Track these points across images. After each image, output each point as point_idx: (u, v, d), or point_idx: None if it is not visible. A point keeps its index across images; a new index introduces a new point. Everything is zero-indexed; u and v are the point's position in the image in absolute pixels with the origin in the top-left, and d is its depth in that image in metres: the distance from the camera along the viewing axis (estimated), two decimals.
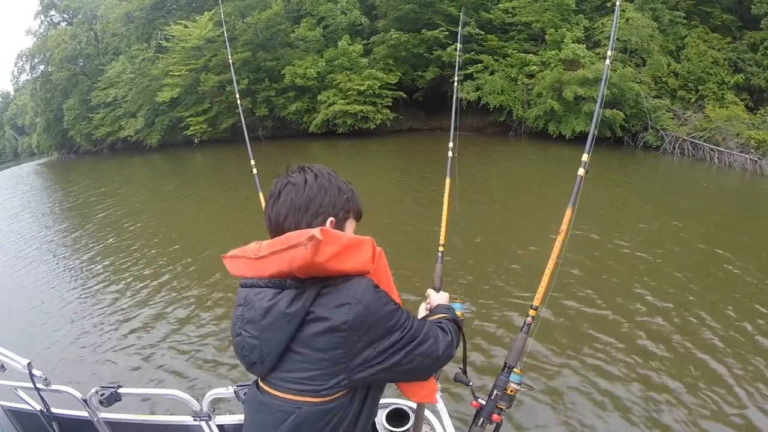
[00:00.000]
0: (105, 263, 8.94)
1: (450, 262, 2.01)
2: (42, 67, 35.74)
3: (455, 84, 2.93)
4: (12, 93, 60.93)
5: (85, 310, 6.90)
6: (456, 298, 1.63)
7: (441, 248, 2.01)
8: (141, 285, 7.59)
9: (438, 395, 1.82)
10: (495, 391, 1.52)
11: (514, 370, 1.54)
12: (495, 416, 1.49)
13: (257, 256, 1.03)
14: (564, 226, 1.64)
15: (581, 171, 1.69)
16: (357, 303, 0.97)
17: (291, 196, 1.08)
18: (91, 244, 10.43)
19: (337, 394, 0.99)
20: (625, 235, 8.47)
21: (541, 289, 1.62)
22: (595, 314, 5.78)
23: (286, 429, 1.00)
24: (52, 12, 37.12)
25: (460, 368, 1.56)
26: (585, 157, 1.71)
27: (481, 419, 1.50)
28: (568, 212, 1.65)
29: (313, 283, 1.00)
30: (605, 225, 9.14)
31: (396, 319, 1.03)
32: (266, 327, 1.01)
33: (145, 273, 8.12)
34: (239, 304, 1.08)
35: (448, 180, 2.17)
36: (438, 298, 1.54)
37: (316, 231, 0.92)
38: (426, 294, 1.62)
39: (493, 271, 7.12)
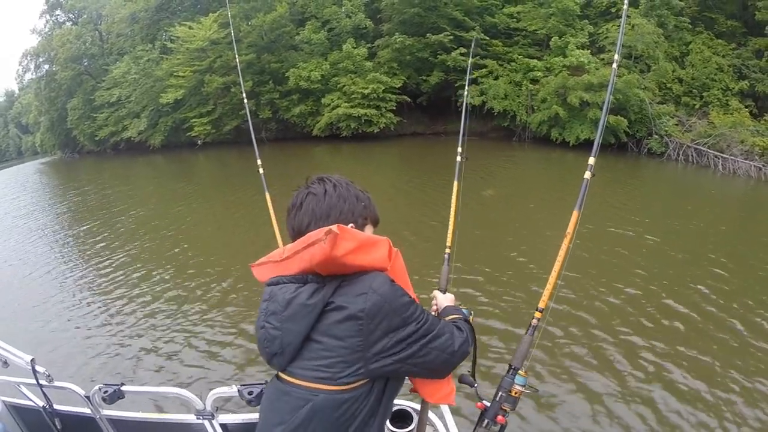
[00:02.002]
0: (115, 264, 8.92)
1: (455, 264, 2.03)
2: (47, 66, 36.03)
3: (465, 93, 2.96)
4: (17, 91, 61.31)
5: (91, 309, 6.92)
6: (460, 304, 1.63)
7: (447, 250, 2.02)
8: (147, 286, 7.60)
9: None
10: (500, 393, 1.51)
11: (519, 372, 1.53)
12: (499, 418, 1.48)
13: (282, 258, 1.12)
14: (570, 229, 1.63)
15: (587, 174, 1.70)
16: (373, 293, 1.03)
17: (312, 205, 1.17)
18: (104, 245, 10.44)
19: (355, 384, 1.03)
20: (645, 237, 8.53)
21: (546, 292, 1.61)
22: (611, 313, 5.79)
23: (302, 415, 1.03)
24: (58, 11, 37.40)
25: (468, 371, 1.56)
26: (591, 160, 1.72)
27: (486, 421, 1.50)
28: (575, 215, 1.65)
29: (333, 278, 1.07)
30: (617, 227, 9.17)
31: (411, 311, 1.08)
32: (287, 318, 1.07)
33: (153, 274, 8.12)
34: (264, 300, 1.15)
35: (456, 183, 2.19)
36: (444, 299, 1.55)
37: (333, 227, 1.00)
38: (432, 295, 1.62)
39: (498, 273, 7.12)
